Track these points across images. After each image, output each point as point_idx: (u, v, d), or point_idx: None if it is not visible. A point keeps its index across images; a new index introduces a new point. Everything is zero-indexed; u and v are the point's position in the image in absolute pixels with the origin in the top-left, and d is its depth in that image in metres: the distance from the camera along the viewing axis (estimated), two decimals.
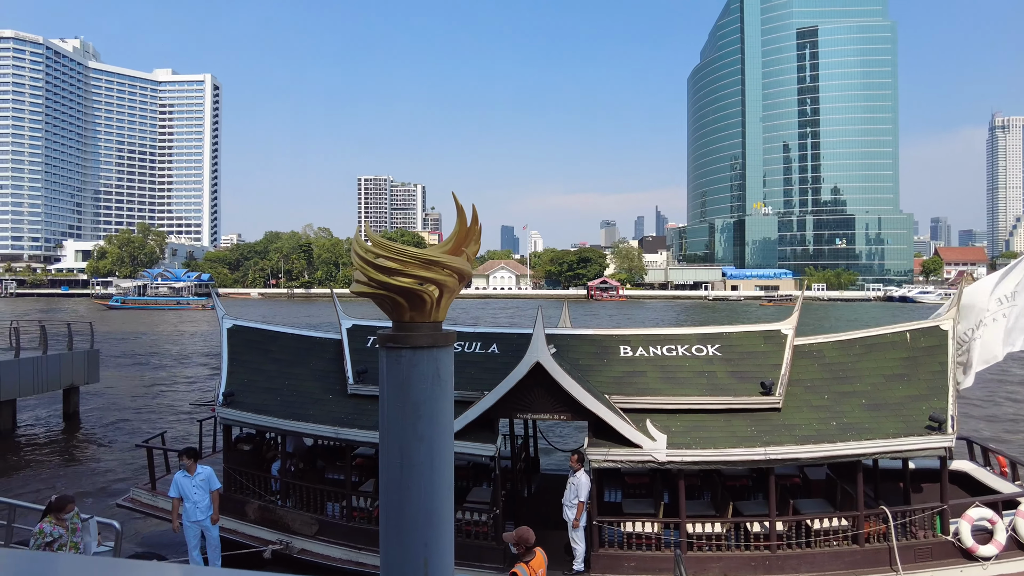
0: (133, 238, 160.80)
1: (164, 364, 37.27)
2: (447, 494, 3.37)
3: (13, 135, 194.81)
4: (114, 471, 17.11)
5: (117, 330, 58.96)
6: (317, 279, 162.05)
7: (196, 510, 9.24)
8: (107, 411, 24.00)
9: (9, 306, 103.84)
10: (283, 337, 12.39)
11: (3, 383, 19.44)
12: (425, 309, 3.25)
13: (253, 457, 12.03)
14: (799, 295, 11.71)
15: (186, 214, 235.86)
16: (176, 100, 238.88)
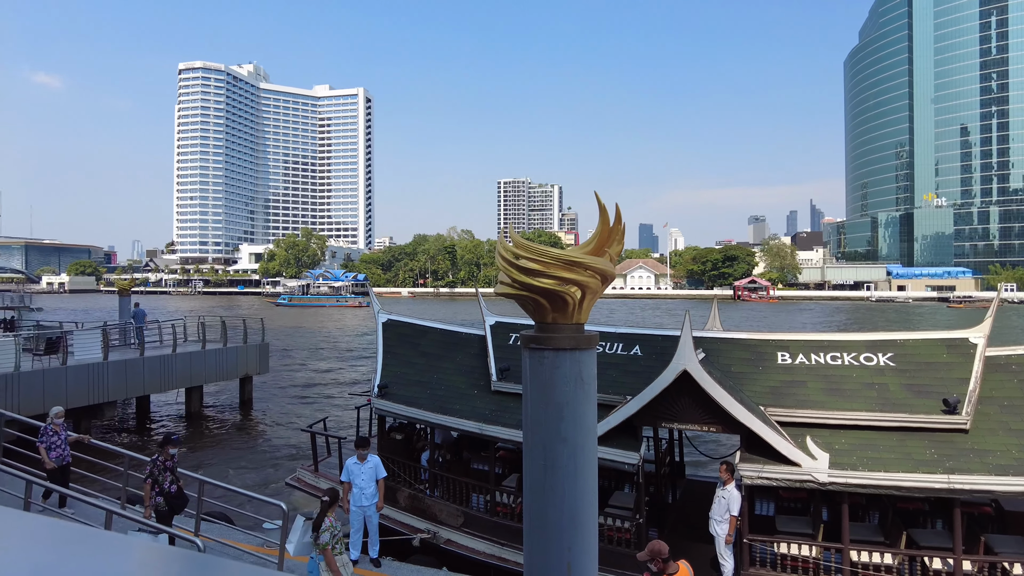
0: (298, 242, 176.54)
1: (325, 356, 40.50)
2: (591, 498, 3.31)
3: (200, 152, 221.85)
4: (281, 451, 18.88)
5: (284, 325, 64.98)
6: (460, 279, 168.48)
7: (362, 496, 9.62)
8: (275, 398, 26.53)
9: (197, 302, 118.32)
10: (432, 332, 12.96)
11: (193, 371, 22.15)
12: (567, 311, 3.22)
13: (404, 446, 12.69)
14: (993, 296, 10.25)
15: (344, 219, 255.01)
16: (333, 113, 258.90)
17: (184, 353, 21.72)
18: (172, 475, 9.00)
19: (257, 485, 15.28)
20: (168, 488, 8.89)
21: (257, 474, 16.90)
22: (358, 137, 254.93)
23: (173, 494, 8.94)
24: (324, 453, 13.29)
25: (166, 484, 8.87)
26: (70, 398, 17.99)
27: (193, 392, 22.94)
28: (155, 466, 8.91)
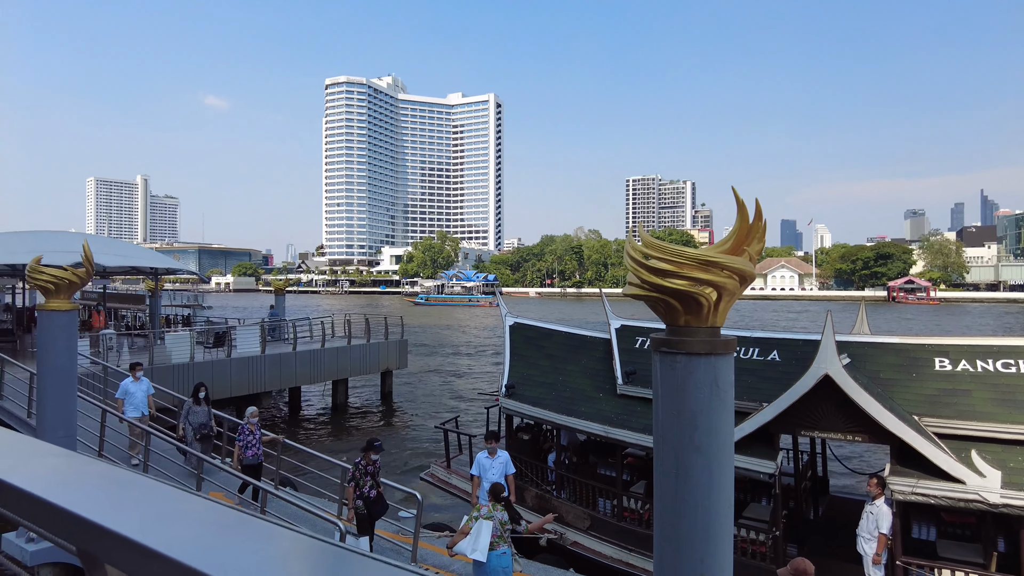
0: (433, 244, 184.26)
1: (458, 353, 41.91)
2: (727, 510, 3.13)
3: (346, 161, 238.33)
4: (417, 443, 19.76)
5: (421, 323, 68.02)
6: (587, 279, 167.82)
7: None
8: (413, 392, 27.81)
9: (343, 301, 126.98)
10: (556, 335, 12.99)
11: (340, 365, 23.75)
12: (702, 313, 3.05)
13: (532, 446, 12.82)
14: None
15: (475, 221, 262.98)
16: (465, 120, 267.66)
17: (331, 348, 23.34)
18: (373, 480, 8.93)
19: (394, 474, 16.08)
20: (368, 493, 8.81)
21: (394, 463, 17.81)
22: (488, 142, 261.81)
23: (373, 499, 8.85)
24: (456, 450, 13.72)
25: (366, 488, 8.80)
26: (233, 387, 19.95)
27: (339, 384, 24.60)
28: (357, 469, 8.87)
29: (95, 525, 0.80)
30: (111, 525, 0.79)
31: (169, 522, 0.84)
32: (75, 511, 0.83)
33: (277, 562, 0.76)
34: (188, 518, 0.86)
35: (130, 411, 12.33)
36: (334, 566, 0.79)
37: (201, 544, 0.77)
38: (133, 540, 0.76)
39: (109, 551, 0.79)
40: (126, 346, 20.55)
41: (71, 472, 1.04)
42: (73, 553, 0.89)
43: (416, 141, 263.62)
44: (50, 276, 10.20)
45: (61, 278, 10.27)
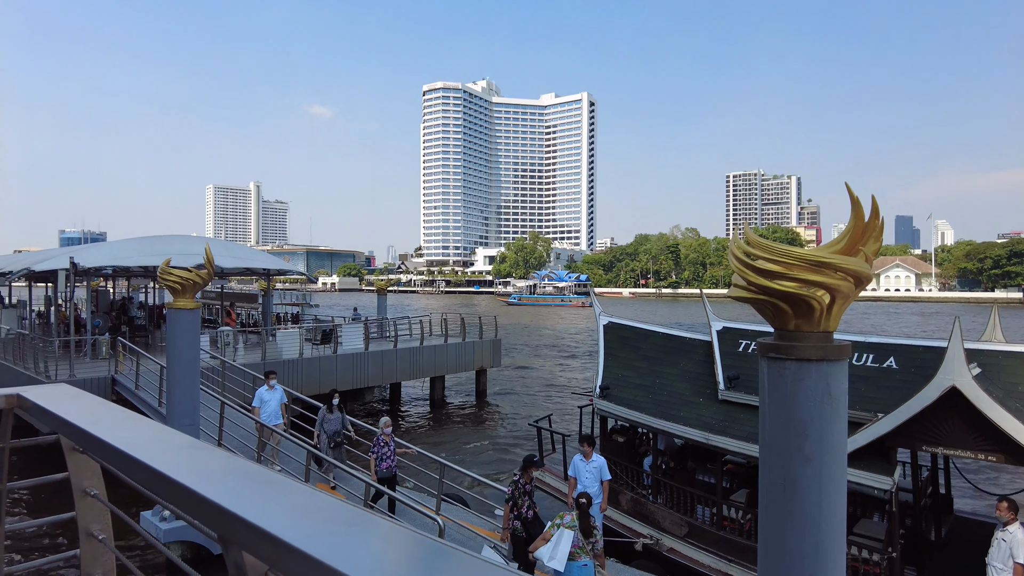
0: (526, 244, 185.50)
1: (550, 353, 41.99)
2: (838, 525, 2.96)
3: (442, 165, 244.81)
4: (511, 441, 19.95)
5: (514, 322, 68.67)
6: (684, 279, 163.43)
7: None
8: (507, 390, 28.11)
9: (440, 300, 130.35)
10: (654, 335, 12.73)
11: (437, 362, 24.40)
12: (813, 317, 2.90)
13: (627, 449, 12.64)
14: None
15: (567, 221, 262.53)
16: (558, 120, 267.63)
17: (429, 346, 24.02)
18: (530, 499, 8.51)
19: (489, 471, 16.32)
20: (526, 514, 8.38)
21: (489, 460, 18.08)
22: (581, 141, 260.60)
23: (530, 520, 8.42)
24: (549, 449, 13.74)
25: (524, 509, 8.37)
26: (339, 382, 20.90)
27: (436, 381, 25.28)
28: (517, 489, 8.41)
29: (236, 516, 0.88)
30: (249, 516, 0.86)
31: (302, 517, 0.90)
32: (219, 502, 0.91)
33: (405, 563, 0.80)
34: (320, 514, 0.92)
35: (265, 420, 12.57)
36: (456, 570, 0.81)
37: (331, 540, 0.82)
38: (269, 532, 0.82)
39: (247, 539, 0.86)
40: (241, 342, 22.02)
41: (215, 464, 1.14)
42: (215, 540, 0.98)
43: (509, 143, 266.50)
44: (177, 277, 11.11)
45: (187, 279, 11.16)
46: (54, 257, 22.87)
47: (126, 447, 1.25)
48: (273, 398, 12.72)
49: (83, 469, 1.85)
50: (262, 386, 13.00)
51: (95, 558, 1.88)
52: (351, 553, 0.79)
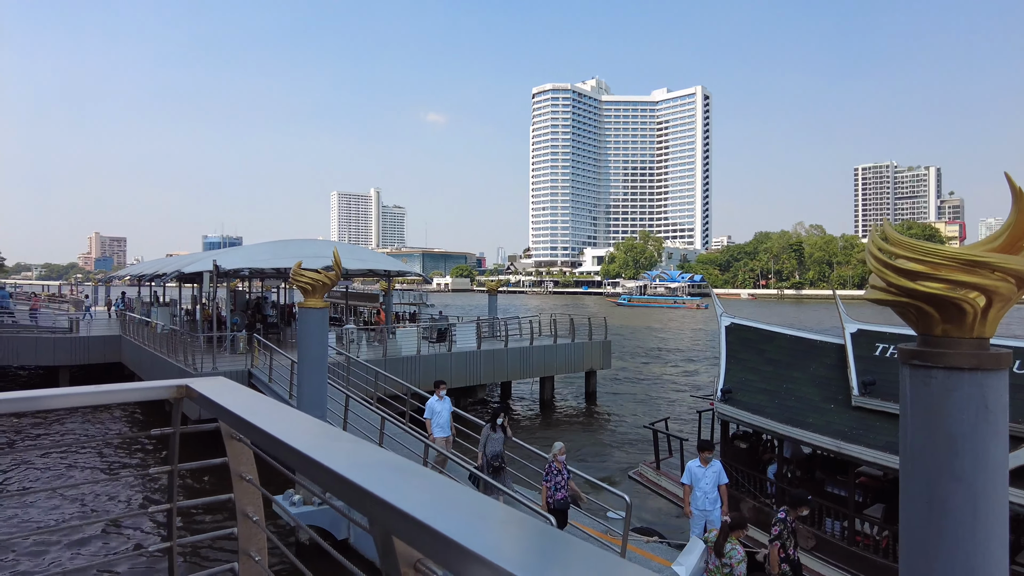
0: (636, 244, 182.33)
1: (663, 356, 41.00)
2: (997, 554, 2.67)
3: (551, 166, 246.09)
4: (621, 444, 19.67)
5: (624, 324, 67.68)
6: (808, 279, 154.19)
7: (705, 500, 9.42)
8: (617, 393, 27.75)
9: (548, 301, 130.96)
10: (780, 338, 12.11)
11: (547, 363, 24.54)
12: (965, 322, 2.64)
13: (749, 455, 12.11)
14: None
15: (680, 220, 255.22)
16: (670, 116, 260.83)
17: (539, 346, 24.20)
18: (794, 539, 7.83)
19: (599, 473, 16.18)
20: (794, 555, 7.77)
21: (599, 462, 17.93)
22: (695, 136, 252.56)
23: (796, 562, 7.79)
24: (665, 452, 13.43)
25: (791, 550, 7.74)
26: (453, 379, 21.55)
27: (546, 381, 25.43)
28: (785, 527, 7.76)
29: (391, 505, 0.95)
30: (407, 507, 0.93)
31: (455, 510, 0.95)
32: (376, 492, 0.98)
33: (576, 566, 0.81)
34: (471, 508, 0.96)
35: (436, 431, 12.04)
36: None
37: (485, 533, 0.85)
38: (430, 525, 0.88)
39: (403, 528, 0.92)
40: (364, 339, 23.21)
41: (366, 457, 1.22)
42: (365, 529, 1.05)
43: (619, 141, 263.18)
44: (308, 278, 11.89)
45: (317, 280, 11.93)
46: (199, 260, 25.23)
47: (283, 435, 1.37)
48: (444, 409, 12.15)
49: (239, 455, 2.02)
50: (431, 397, 12.39)
51: (250, 537, 2.06)
52: (515, 550, 0.83)
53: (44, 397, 1.88)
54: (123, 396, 2.04)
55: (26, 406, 1.87)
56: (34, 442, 19.29)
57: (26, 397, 1.84)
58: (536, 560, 0.83)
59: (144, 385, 2.05)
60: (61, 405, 1.96)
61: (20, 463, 16.08)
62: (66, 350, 27.80)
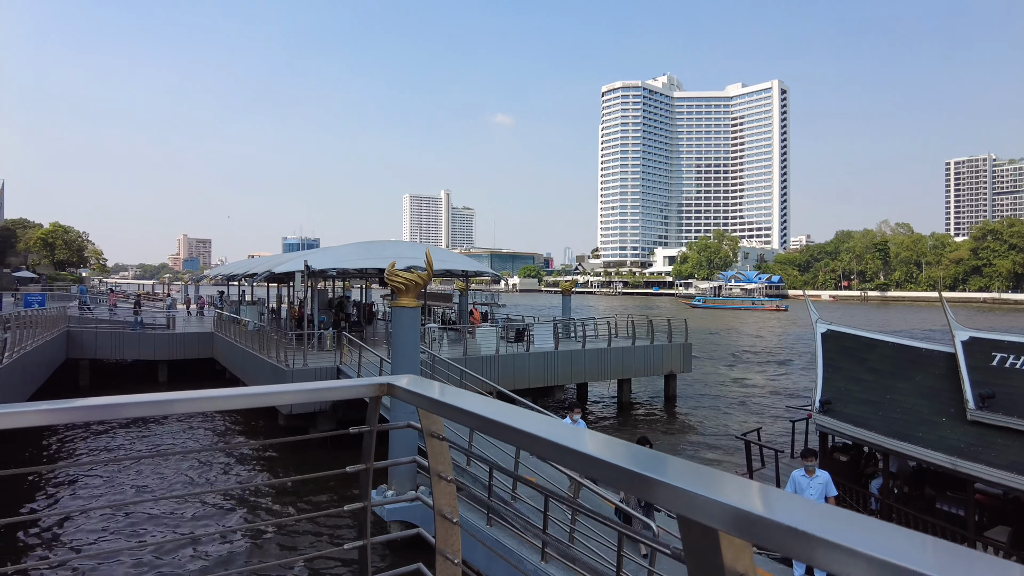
0: (709, 244, 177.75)
1: (745, 361, 39.76)
2: None
3: (620, 165, 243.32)
4: (703, 451, 19.16)
5: (700, 326, 66.04)
6: (894, 280, 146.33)
7: None
8: (698, 397, 27.08)
9: (618, 302, 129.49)
10: (882, 346, 11.50)
11: (625, 365, 24.21)
12: None
13: (850, 469, 11.56)
14: None
15: (756, 219, 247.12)
16: (745, 111, 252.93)
17: (617, 348, 23.92)
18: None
19: None
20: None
21: None
22: (772, 132, 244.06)
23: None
24: (757, 463, 12.99)
25: None
26: (531, 379, 21.59)
27: (624, 383, 25.10)
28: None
29: (712, 499, 0.95)
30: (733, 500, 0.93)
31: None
32: (686, 486, 0.99)
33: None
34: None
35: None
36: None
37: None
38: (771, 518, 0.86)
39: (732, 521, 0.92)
40: (445, 338, 23.57)
41: (619, 448, 1.24)
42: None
43: (691, 138, 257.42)
44: (402, 278, 12.14)
45: (409, 280, 12.17)
46: (289, 261, 26.24)
47: (501, 417, 1.40)
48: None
49: (439, 455, 2.05)
50: (565, 419, 10.78)
51: (447, 536, 2.08)
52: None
53: (263, 394, 1.94)
54: (328, 395, 2.09)
55: (244, 403, 1.93)
56: (222, 440, 20.44)
57: (241, 394, 1.90)
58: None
59: (347, 383, 2.09)
60: (277, 403, 2.03)
61: (204, 462, 16.87)
62: (164, 346, 29.54)
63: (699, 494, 0.96)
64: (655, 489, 1.03)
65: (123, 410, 1.71)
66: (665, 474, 1.04)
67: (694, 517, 0.96)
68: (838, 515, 0.88)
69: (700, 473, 1.04)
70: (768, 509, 0.88)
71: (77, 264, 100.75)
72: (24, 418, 1.57)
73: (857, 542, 0.77)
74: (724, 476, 1.05)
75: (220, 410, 1.89)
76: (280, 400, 2.00)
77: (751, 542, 0.92)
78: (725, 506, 0.92)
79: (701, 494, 0.96)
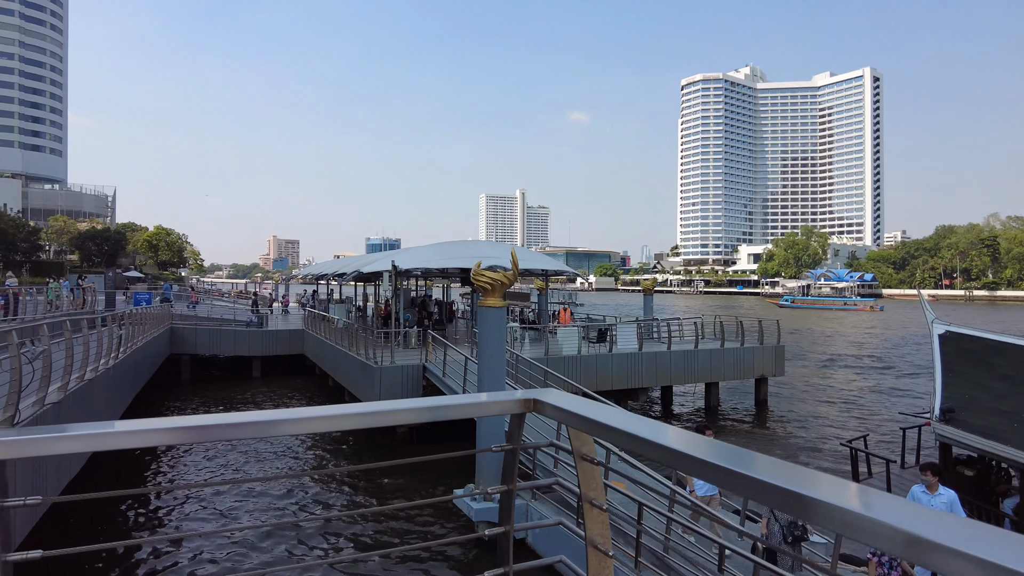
0: (797, 241, 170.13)
1: (839, 364, 37.70)
2: None
3: (701, 160, 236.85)
4: (800, 458, 18.13)
5: (788, 327, 63.13)
6: (1005, 278, 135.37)
7: None
8: (792, 404, 25.74)
9: (699, 301, 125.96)
10: (1012, 349, 10.45)
11: (713, 367, 23.34)
12: None
13: (977, 485, 10.57)
14: None
15: (847, 214, 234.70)
16: (835, 101, 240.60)
17: (704, 350, 23.09)
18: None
19: None
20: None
21: None
22: (864, 122, 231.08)
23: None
24: (864, 473, 12.13)
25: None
26: (614, 380, 21.14)
27: (711, 387, 24.21)
28: None
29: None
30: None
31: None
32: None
33: None
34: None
35: (701, 486, 9.30)
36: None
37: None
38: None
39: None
40: (527, 337, 23.47)
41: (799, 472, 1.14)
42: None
43: (776, 130, 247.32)
44: (488, 278, 12.07)
45: (496, 280, 12.07)
46: (376, 261, 26.87)
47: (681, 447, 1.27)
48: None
49: (591, 479, 1.83)
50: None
51: (601, 570, 1.86)
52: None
53: (385, 412, 1.78)
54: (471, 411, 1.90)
55: (373, 421, 1.78)
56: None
57: (373, 411, 1.75)
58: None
59: (487, 400, 1.92)
60: (403, 421, 1.86)
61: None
62: (258, 342, 30.92)
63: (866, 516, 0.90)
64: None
65: (227, 431, 1.59)
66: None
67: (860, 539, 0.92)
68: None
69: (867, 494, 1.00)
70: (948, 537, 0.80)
71: (178, 264, 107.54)
72: (120, 439, 1.48)
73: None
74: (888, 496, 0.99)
75: (336, 430, 1.73)
76: (407, 419, 1.83)
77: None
78: (897, 530, 0.85)
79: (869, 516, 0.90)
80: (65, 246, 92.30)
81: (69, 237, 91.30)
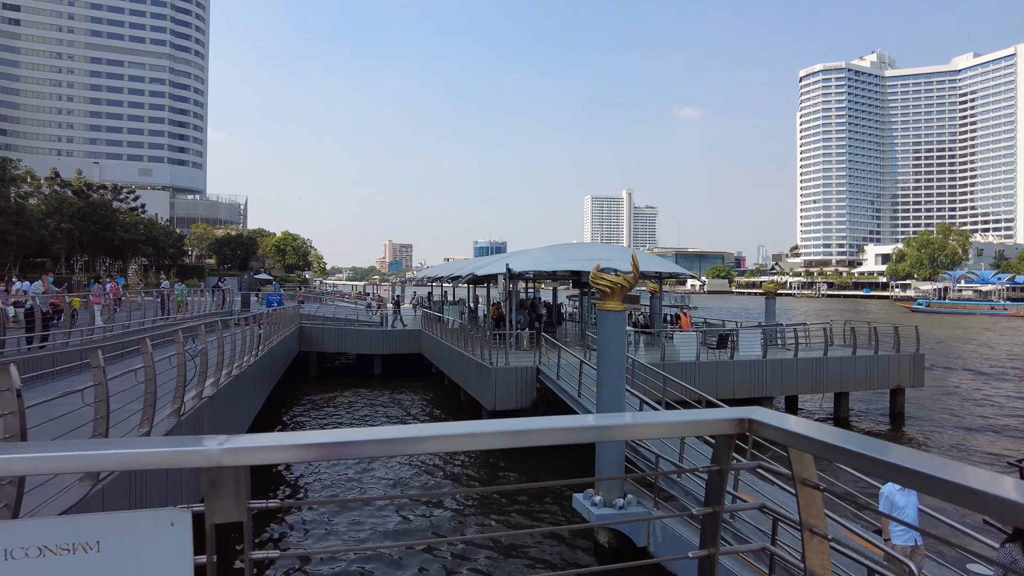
0: (932, 239, 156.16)
1: (993, 376, 34.14)
2: None
3: (823, 154, 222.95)
4: None
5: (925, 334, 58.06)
6: None
7: None
8: (933, 417, 23.58)
9: (821, 304, 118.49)
10: None
11: (843, 377, 21.85)
12: None
13: None
14: None
15: (993, 209, 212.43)
16: (978, 85, 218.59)
17: (834, 358, 21.68)
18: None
19: None
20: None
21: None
22: (1015, 107, 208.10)
23: None
24: None
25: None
26: (736, 389, 20.25)
27: (841, 398, 22.65)
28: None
29: None
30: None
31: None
32: None
33: None
34: None
35: (898, 536, 7.36)
36: None
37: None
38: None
39: None
40: (642, 342, 23.01)
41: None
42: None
43: (908, 120, 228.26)
44: (608, 281, 11.90)
45: (615, 283, 11.89)
46: (489, 264, 27.41)
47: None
48: (910, 503, 7.35)
49: (811, 505, 1.70)
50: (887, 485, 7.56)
51: None
52: None
53: (565, 429, 1.73)
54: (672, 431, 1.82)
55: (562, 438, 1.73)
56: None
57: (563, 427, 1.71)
58: None
59: (696, 417, 1.83)
60: (585, 439, 1.81)
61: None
62: (379, 341, 32.40)
63: None
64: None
65: (362, 448, 1.61)
66: None
67: None
68: None
69: None
70: None
71: (302, 267, 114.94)
72: (264, 454, 1.52)
73: None
74: None
75: (481, 449, 1.68)
76: (586, 437, 1.78)
77: None
78: None
79: None
80: (204, 251, 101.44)
81: (208, 243, 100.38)
